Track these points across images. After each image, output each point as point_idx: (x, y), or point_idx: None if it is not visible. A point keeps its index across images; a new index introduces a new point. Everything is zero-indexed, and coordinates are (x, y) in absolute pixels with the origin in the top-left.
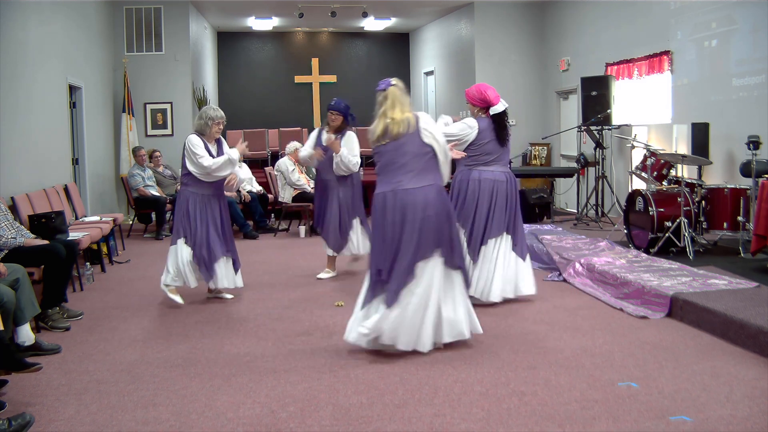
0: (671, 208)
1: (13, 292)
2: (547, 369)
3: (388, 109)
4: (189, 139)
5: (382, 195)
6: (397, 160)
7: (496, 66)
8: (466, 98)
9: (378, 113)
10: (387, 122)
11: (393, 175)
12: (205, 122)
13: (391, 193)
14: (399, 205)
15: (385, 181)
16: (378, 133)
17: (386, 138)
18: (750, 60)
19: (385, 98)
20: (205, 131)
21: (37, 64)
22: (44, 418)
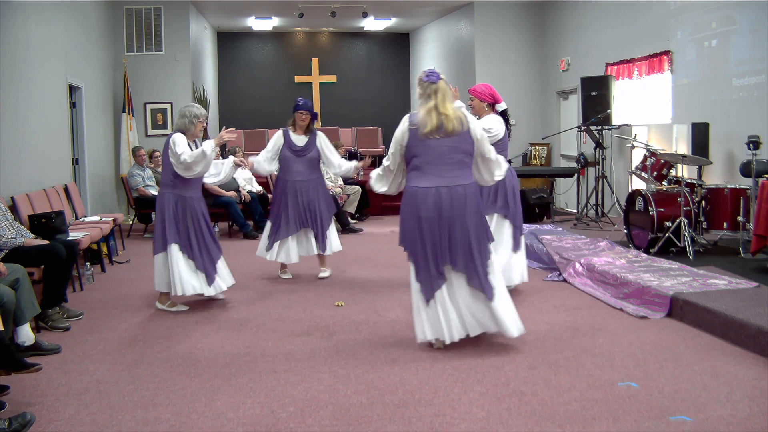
0: (671, 208)
1: (13, 292)
2: (547, 369)
3: (440, 103)
4: (172, 138)
5: (435, 190)
6: (451, 156)
7: (496, 66)
8: (471, 95)
9: (426, 105)
10: (442, 118)
11: (441, 171)
12: (189, 120)
13: (446, 189)
14: (449, 200)
15: (433, 175)
16: (432, 127)
17: (439, 133)
18: (750, 60)
19: (436, 92)
20: (189, 129)
21: (37, 64)
22: (44, 418)
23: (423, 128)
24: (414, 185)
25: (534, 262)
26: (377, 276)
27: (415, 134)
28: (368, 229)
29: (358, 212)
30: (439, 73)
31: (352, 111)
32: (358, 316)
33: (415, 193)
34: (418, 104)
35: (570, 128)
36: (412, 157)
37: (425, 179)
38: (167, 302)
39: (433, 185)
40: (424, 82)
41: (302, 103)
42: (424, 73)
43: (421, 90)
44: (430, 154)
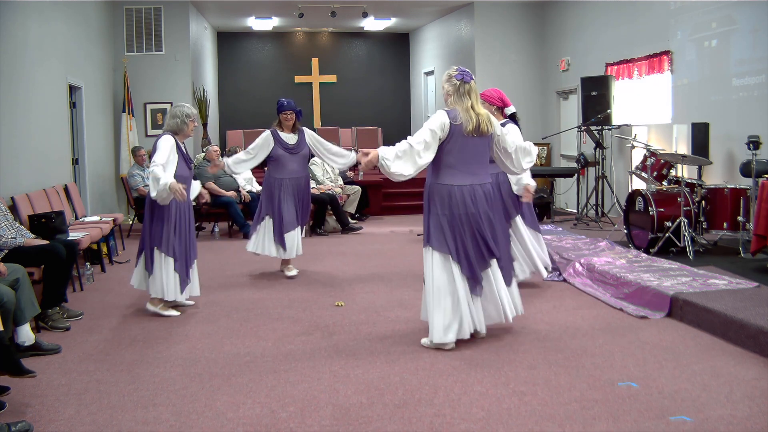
0: (671, 208)
1: (13, 292)
2: (547, 369)
3: (474, 103)
4: (162, 140)
5: (470, 187)
6: (483, 155)
7: (496, 66)
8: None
9: (463, 104)
10: (478, 118)
11: (476, 169)
12: (181, 120)
13: (479, 186)
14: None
15: (469, 173)
16: (474, 126)
17: (476, 132)
18: (750, 60)
19: (469, 92)
20: (182, 130)
21: (37, 64)
22: (44, 418)
23: (467, 126)
24: (449, 183)
25: None
26: (377, 276)
27: (457, 130)
28: (368, 229)
29: (358, 212)
30: (470, 72)
31: (352, 111)
32: (358, 316)
33: (452, 192)
34: (449, 101)
35: (570, 128)
36: (446, 153)
37: (461, 177)
38: (160, 305)
39: (469, 183)
40: (457, 80)
41: (286, 104)
42: (457, 71)
43: (452, 88)
44: (467, 152)
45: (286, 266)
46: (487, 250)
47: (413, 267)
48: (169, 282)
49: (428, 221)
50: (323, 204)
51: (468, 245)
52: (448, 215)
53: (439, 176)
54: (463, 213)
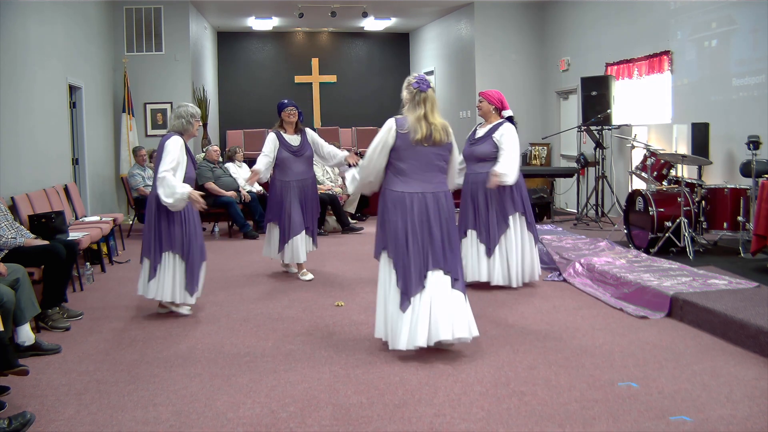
0: (671, 208)
1: (13, 292)
2: (547, 369)
3: (429, 112)
4: (167, 143)
5: (421, 195)
6: (435, 163)
7: (496, 66)
8: (482, 97)
9: (416, 112)
10: (431, 127)
11: (427, 177)
12: (187, 120)
13: (431, 195)
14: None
15: (419, 180)
16: (423, 135)
17: (427, 141)
18: (750, 60)
19: (425, 100)
20: (187, 130)
21: (37, 64)
22: (44, 418)
23: (414, 135)
24: (399, 190)
25: None
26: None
27: (404, 138)
28: (368, 229)
29: (358, 212)
30: (430, 81)
31: (352, 111)
32: (358, 316)
33: (401, 198)
34: (405, 108)
35: (570, 128)
36: (397, 161)
37: (411, 184)
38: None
39: (420, 191)
40: (413, 89)
41: (287, 102)
42: (415, 79)
43: (410, 96)
44: (417, 159)
45: (300, 270)
46: (427, 261)
47: None
48: (176, 284)
49: (378, 227)
50: (323, 204)
51: (413, 254)
52: (400, 222)
53: (391, 183)
54: (414, 220)
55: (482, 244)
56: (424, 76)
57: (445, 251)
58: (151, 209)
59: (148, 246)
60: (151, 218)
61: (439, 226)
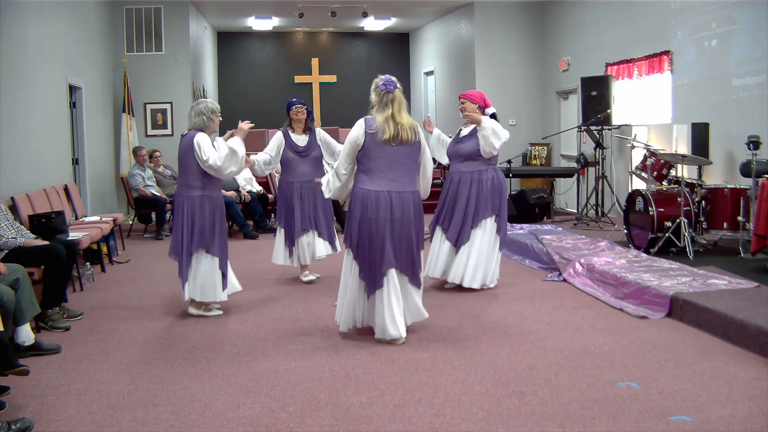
0: (671, 208)
1: (13, 292)
2: (547, 369)
3: (396, 112)
4: (196, 140)
5: (387, 194)
6: (402, 162)
7: (496, 66)
8: (463, 98)
9: (384, 113)
10: (398, 127)
11: (394, 176)
12: (207, 116)
13: (397, 194)
14: (401, 205)
15: (386, 179)
16: (390, 135)
17: (395, 141)
18: (750, 60)
19: (392, 100)
20: (208, 126)
21: (37, 64)
22: (44, 418)
23: (381, 135)
24: (366, 188)
25: (534, 262)
26: None
27: (372, 138)
28: None
29: None
30: (396, 81)
31: (352, 111)
32: None
33: (368, 196)
34: (373, 110)
35: (570, 128)
36: (365, 159)
37: (378, 183)
38: (202, 307)
39: (386, 189)
40: (380, 91)
41: (296, 99)
42: (381, 81)
43: (377, 97)
44: (385, 158)
45: (303, 272)
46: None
47: None
48: (211, 283)
49: (348, 222)
50: None
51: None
52: (365, 219)
53: (360, 181)
54: (377, 218)
55: (447, 242)
56: (391, 77)
57: (403, 251)
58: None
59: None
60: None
61: (401, 225)
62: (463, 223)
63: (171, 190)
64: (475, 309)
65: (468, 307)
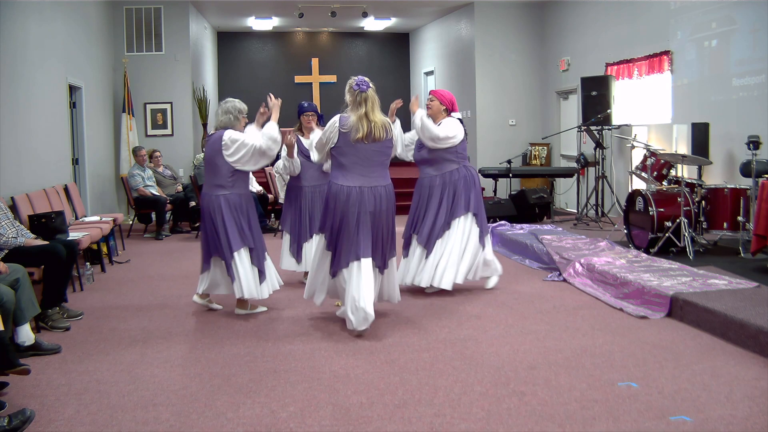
0: (671, 208)
1: (13, 292)
2: (547, 369)
3: (369, 111)
4: (228, 137)
5: (358, 189)
6: (374, 159)
7: (496, 66)
8: (433, 96)
9: (357, 112)
10: (371, 125)
11: (366, 172)
12: (234, 116)
13: (369, 189)
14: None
15: (358, 175)
16: (363, 134)
17: (368, 138)
18: (750, 60)
19: (366, 100)
20: (234, 126)
21: (37, 64)
22: (44, 418)
23: (355, 134)
24: (339, 183)
25: (534, 262)
26: None
27: (345, 136)
28: None
29: None
30: (369, 81)
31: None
32: None
33: (340, 191)
34: (348, 109)
35: (570, 128)
36: (339, 156)
37: (351, 178)
38: (248, 306)
39: (358, 185)
40: (354, 90)
41: (306, 105)
42: (355, 81)
43: (351, 97)
44: (357, 156)
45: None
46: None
47: None
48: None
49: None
50: None
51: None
52: (337, 212)
53: (334, 176)
54: (348, 212)
55: (420, 247)
56: (364, 78)
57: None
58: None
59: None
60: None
61: (374, 218)
62: (433, 226)
63: (170, 191)
64: (475, 309)
65: (468, 307)
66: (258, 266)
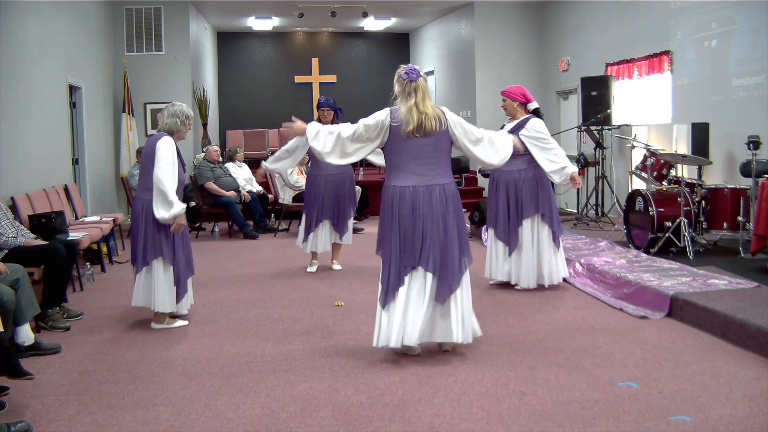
0: (671, 208)
1: (13, 292)
2: (547, 369)
3: (420, 101)
4: (163, 143)
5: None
6: (431, 155)
7: (496, 66)
8: (504, 96)
9: (407, 103)
10: (422, 116)
11: (421, 170)
12: (182, 120)
13: (424, 188)
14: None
15: (412, 173)
16: (414, 126)
17: (419, 131)
18: (750, 60)
19: (415, 90)
20: (180, 130)
21: (37, 64)
22: (44, 418)
23: (405, 127)
24: (393, 184)
25: None
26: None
27: (396, 131)
28: (369, 229)
29: (358, 212)
30: (420, 70)
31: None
32: (358, 315)
33: (393, 193)
34: (397, 101)
35: (570, 128)
36: (391, 155)
37: (403, 178)
38: (165, 320)
39: (411, 184)
40: (403, 80)
41: (323, 101)
42: (404, 70)
43: (401, 87)
44: (409, 152)
45: (311, 260)
46: (411, 257)
47: None
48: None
49: (381, 224)
50: None
51: (398, 249)
52: (392, 217)
53: (388, 177)
54: (402, 214)
55: (500, 242)
56: (414, 66)
57: (430, 248)
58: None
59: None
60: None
61: (430, 221)
62: (510, 224)
63: None
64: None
65: None
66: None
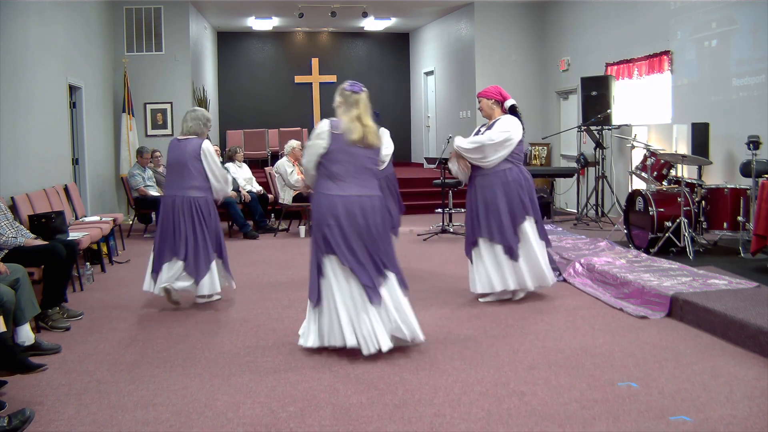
0: (671, 208)
1: (13, 292)
2: (547, 369)
3: (363, 115)
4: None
5: (356, 198)
6: (369, 167)
7: (496, 66)
8: (479, 97)
9: (350, 113)
10: (365, 129)
11: (363, 181)
12: (203, 123)
13: (367, 198)
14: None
15: (354, 184)
16: (359, 135)
17: (362, 142)
18: (750, 60)
19: (357, 102)
20: (203, 133)
21: (37, 64)
22: (44, 418)
23: (350, 134)
24: (333, 193)
25: None
26: None
27: (338, 139)
28: None
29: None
30: (362, 87)
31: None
32: None
33: (336, 203)
34: (338, 112)
35: (570, 128)
36: (331, 164)
37: (346, 187)
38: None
39: (356, 194)
40: (346, 92)
41: None
42: (348, 83)
43: (342, 99)
44: (352, 162)
45: None
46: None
47: (413, 267)
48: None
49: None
50: None
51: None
52: (336, 226)
53: (325, 187)
54: (350, 224)
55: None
56: (357, 82)
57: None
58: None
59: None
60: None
61: (369, 232)
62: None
63: None
64: (475, 309)
65: (468, 308)
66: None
